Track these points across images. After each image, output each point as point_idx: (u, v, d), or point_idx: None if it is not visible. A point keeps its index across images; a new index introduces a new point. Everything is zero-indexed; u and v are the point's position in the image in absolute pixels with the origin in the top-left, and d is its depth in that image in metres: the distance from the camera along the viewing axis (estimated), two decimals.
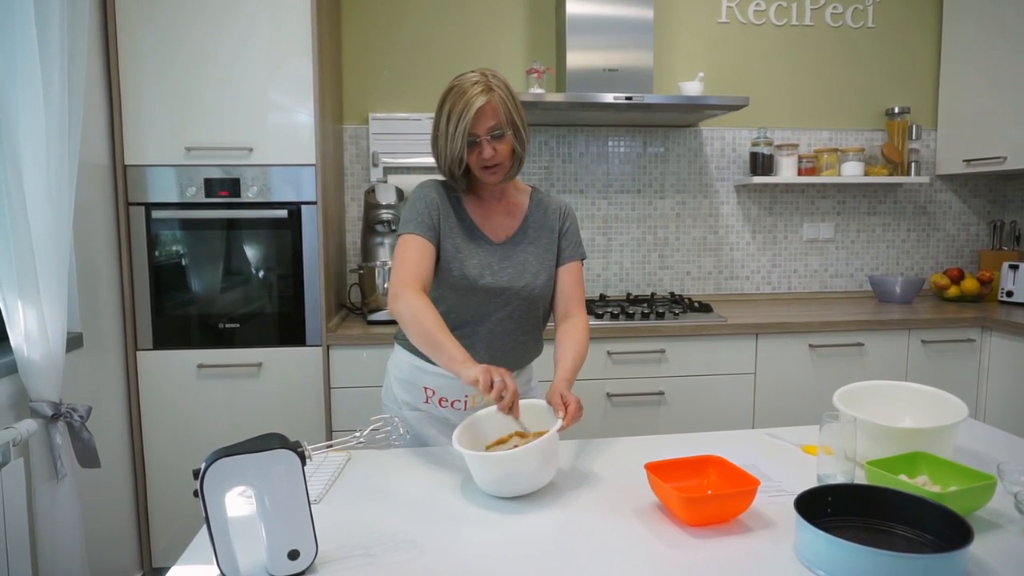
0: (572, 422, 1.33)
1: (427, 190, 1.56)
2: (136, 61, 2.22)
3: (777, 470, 1.36)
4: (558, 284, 1.61)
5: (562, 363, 1.50)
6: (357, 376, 2.37)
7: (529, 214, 1.61)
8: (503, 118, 1.45)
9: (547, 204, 1.63)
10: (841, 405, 1.41)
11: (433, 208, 1.53)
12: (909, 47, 3.14)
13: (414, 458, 1.45)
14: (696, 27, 3.01)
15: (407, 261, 1.47)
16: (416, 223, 1.51)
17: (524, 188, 1.66)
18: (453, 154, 1.46)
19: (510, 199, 1.61)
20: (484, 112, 1.43)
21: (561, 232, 1.61)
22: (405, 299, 1.41)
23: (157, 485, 2.35)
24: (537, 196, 1.64)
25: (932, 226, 3.25)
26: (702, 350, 2.51)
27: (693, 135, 3.06)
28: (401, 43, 2.87)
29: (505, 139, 1.47)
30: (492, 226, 1.57)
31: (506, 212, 1.60)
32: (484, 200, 1.59)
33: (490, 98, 1.43)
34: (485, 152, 1.45)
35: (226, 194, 2.30)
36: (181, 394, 2.32)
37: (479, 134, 1.44)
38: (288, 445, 1.01)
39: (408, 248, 1.48)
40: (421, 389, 1.60)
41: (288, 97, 2.28)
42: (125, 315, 2.29)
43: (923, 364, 2.63)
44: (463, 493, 1.27)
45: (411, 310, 1.39)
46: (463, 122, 1.42)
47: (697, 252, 3.11)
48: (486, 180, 1.51)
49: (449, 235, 1.53)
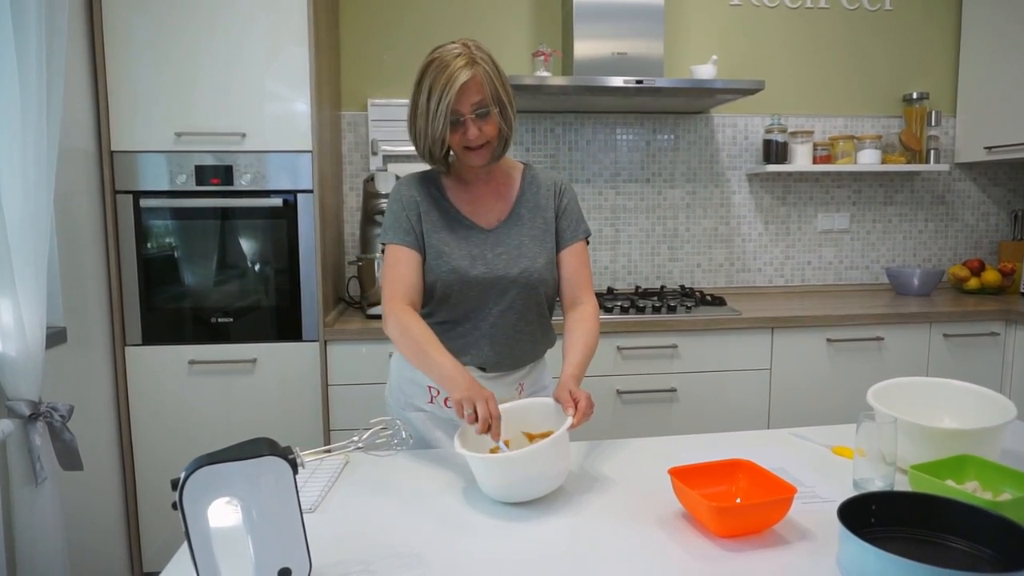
0: (583, 420, 1.24)
1: (403, 188, 1.47)
2: (123, 40, 2.11)
3: (808, 474, 1.27)
4: (561, 269, 1.49)
5: (570, 356, 1.40)
6: (356, 373, 2.27)
7: (522, 193, 1.49)
8: (488, 94, 1.35)
9: (541, 181, 1.52)
10: (876, 403, 1.31)
11: (412, 208, 1.43)
12: (927, 30, 3.03)
13: (417, 461, 1.35)
14: (707, 10, 2.90)
15: (391, 277, 1.41)
16: (395, 230, 1.43)
17: (515, 165, 1.54)
18: (434, 134, 1.35)
19: (499, 180, 1.50)
20: (468, 88, 1.32)
21: (559, 211, 1.50)
22: (393, 318, 1.36)
23: (147, 487, 2.25)
24: (530, 173, 1.53)
25: (950, 216, 3.14)
26: (715, 345, 2.40)
27: (704, 122, 2.95)
28: (402, 26, 2.76)
29: (490, 117, 1.36)
30: (481, 212, 1.47)
31: (496, 194, 1.49)
32: (470, 184, 1.48)
33: (474, 72, 1.33)
34: (470, 132, 1.34)
35: (218, 182, 2.19)
36: (172, 392, 2.22)
37: (463, 112, 1.34)
38: (278, 451, 0.91)
39: (392, 263, 1.42)
40: (425, 388, 1.49)
41: (283, 80, 2.17)
42: (112, 309, 2.19)
43: (945, 359, 2.52)
44: (469, 499, 1.18)
45: (399, 328, 1.34)
46: (445, 99, 1.31)
47: (708, 243, 3.01)
48: (470, 163, 1.40)
49: (433, 231, 1.43)
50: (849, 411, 2.48)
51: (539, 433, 1.29)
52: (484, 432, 1.19)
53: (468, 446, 1.18)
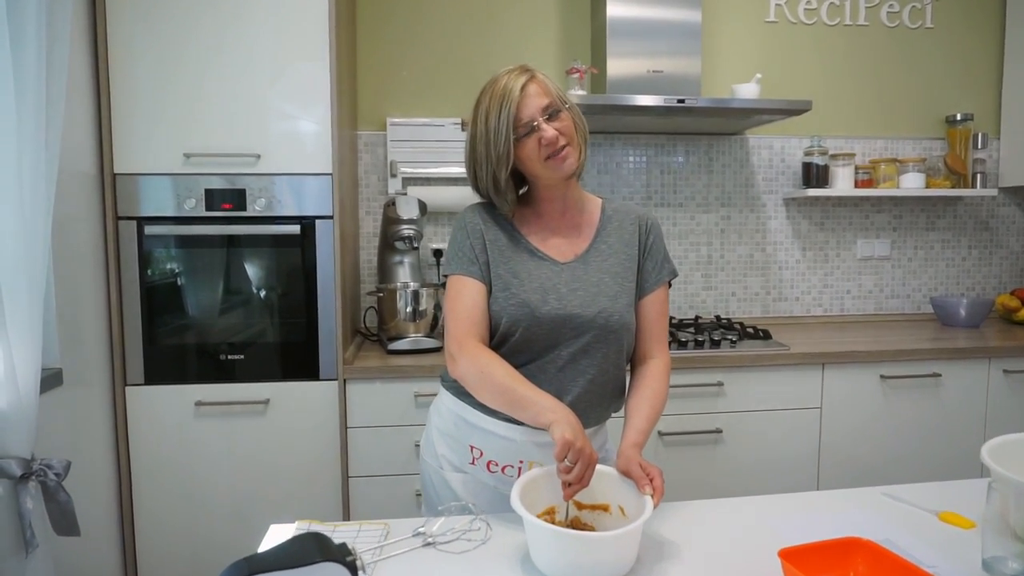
0: (659, 500, 1.07)
1: (468, 215, 1.30)
2: (129, 54, 1.94)
3: (922, 549, 1.09)
4: (640, 315, 1.32)
5: (635, 420, 1.23)
6: (377, 414, 2.08)
7: (601, 227, 1.33)
8: (555, 96, 1.22)
9: (623, 214, 1.36)
10: (996, 466, 1.13)
11: (476, 236, 1.27)
12: (970, 49, 2.90)
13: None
14: (742, 27, 2.77)
15: (457, 312, 1.23)
16: (458, 260, 1.26)
17: (593, 198, 1.39)
18: (498, 151, 1.19)
19: (575, 212, 1.34)
20: (532, 92, 1.19)
21: (645, 249, 1.33)
22: (466, 357, 1.18)
23: (149, 547, 2.04)
24: (610, 207, 1.37)
25: (995, 243, 3.00)
26: (763, 382, 2.23)
27: (739, 144, 2.80)
28: (422, 41, 2.60)
29: (563, 116, 1.21)
30: (555, 245, 1.30)
31: (572, 227, 1.32)
32: (543, 217, 1.32)
33: (535, 77, 1.21)
34: (547, 132, 1.19)
35: (230, 207, 2.02)
36: (176, 436, 2.03)
37: (532, 118, 1.19)
38: (333, 554, 0.73)
39: (455, 295, 1.25)
40: (467, 448, 1.31)
41: (301, 97, 2.01)
42: (113, 345, 2.00)
43: (1005, 397, 2.36)
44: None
45: (476, 367, 1.16)
46: (507, 106, 1.17)
47: (743, 271, 2.85)
48: (555, 173, 1.23)
49: (501, 259, 1.26)
50: (906, 454, 2.31)
51: (590, 504, 1.12)
52: (569, 497, 1.03)
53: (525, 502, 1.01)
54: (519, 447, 1.26)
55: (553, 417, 1.07)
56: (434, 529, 0.79)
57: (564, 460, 1.02)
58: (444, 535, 0.81)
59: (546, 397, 1.12)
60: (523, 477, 1.08)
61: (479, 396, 1.20)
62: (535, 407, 1.10)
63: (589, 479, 1.05)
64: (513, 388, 1.13)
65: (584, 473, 1.03)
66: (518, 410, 1.14)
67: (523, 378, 1.16)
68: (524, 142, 1.20)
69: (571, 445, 1.02)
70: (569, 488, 1.04)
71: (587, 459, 1.03)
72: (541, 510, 1.09)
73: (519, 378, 1.16)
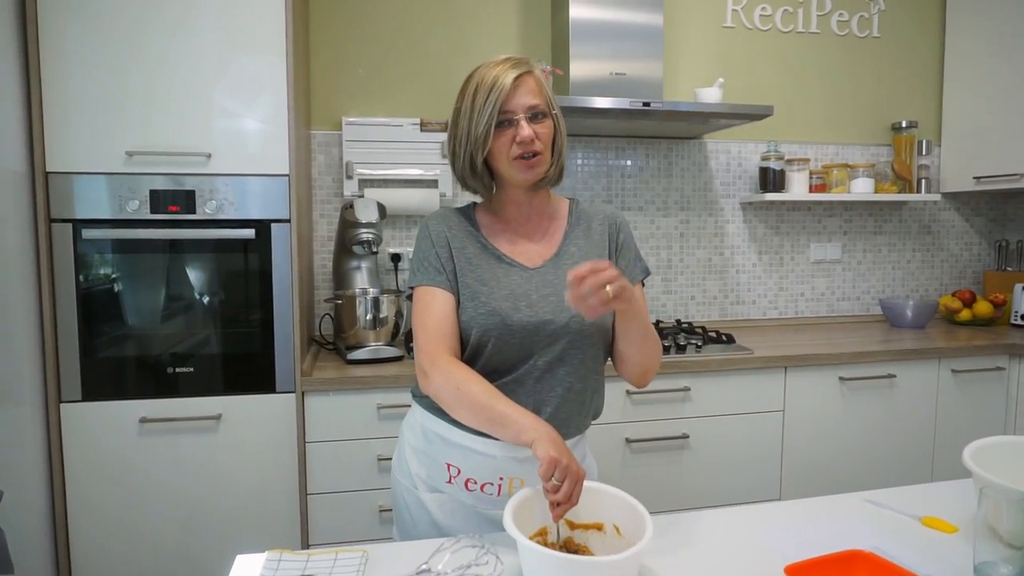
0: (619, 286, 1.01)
1: (431, 223, 1.25)
2: (62, 45, 1.78)
3: (911, 555, 1.08)
4: None
5: None
6: (337, 428, 1.98)
7: (570, 229, 1.28)
8: (545, 101, 1.17)
9: (591, 215, 1.31)
10: (976, 467, 1.14)
11: (442, 244, 1.21)
12: (914, 59, 3.00)
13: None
14: (701, 32, 2.78)
15: (427, 325, 1.17)
16: (424, 271, 1.20)
17: (560, 199, 1.34)
18: (477, 131, 1.14)
19: (542, 215, 1.29)
20: (524, 85, 1.15)
21: (616, 248, 1.29)
22: (439, 373, 1.12)
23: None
24: (578, 208, 1.32)
25: (936, 246, 3.11)
26: (728, 386, 2.24)
27: (698, 148, 2.81)
28: (378, 37, 2.51)
29: (546, 122, 1.17)
30: (523, 250, 1.25)
31: (540, 231, 1.27)
32: (510, 222, 1.27)
33: (531, 71, 1.17)
34: (523, 131, 1.14)
35: (177, 209, 1.88)
36: (118, 457, 1.87)
37: (516, 111, 1.14)
38: None
39: (423, 308, 1.19)
40: (443, 466, 1.24)
41: (256, 94, 1.89)
42: (46, 359, 1.83)
43: (953, 395, 2.44)
44: None
45: (450, 384, 1.11)
46: (497, 90, 1.12)
47: (702, 275, 2.86)
48: (519, 177, 1.18)
49: (468, 268, 1.21)
50: (863, 454, 2.36)
51: (582, 523, 1.07)
52: (559, 517, 0.99)
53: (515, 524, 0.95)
54: (498, 463, 1.20)
55: (535, 435, 1.02)
56: (439, 567, 0.72)
57: (551, 479, 0.97)
58: (447, 574, 0.73)
59: (525, 415, 1.07)
60: (514, 498, 1.02)
61: (454, 414, 1.14)
62: (515, 426, 1.05)
63: (577, 497, 1.00)
64: (491, 406, 1.08)
65: (572, 491, 0.98)
66: (497, 428, 1.09)
67: (500, 394, 1.11)
68: (501, 132, 1.15)
69: (557, 463, 0.97)
70: (558, 508, 0.99)
71: (574, 476, 0.99)
72: (533, 531, 1.03)
73: (496, 394, 1.10)
